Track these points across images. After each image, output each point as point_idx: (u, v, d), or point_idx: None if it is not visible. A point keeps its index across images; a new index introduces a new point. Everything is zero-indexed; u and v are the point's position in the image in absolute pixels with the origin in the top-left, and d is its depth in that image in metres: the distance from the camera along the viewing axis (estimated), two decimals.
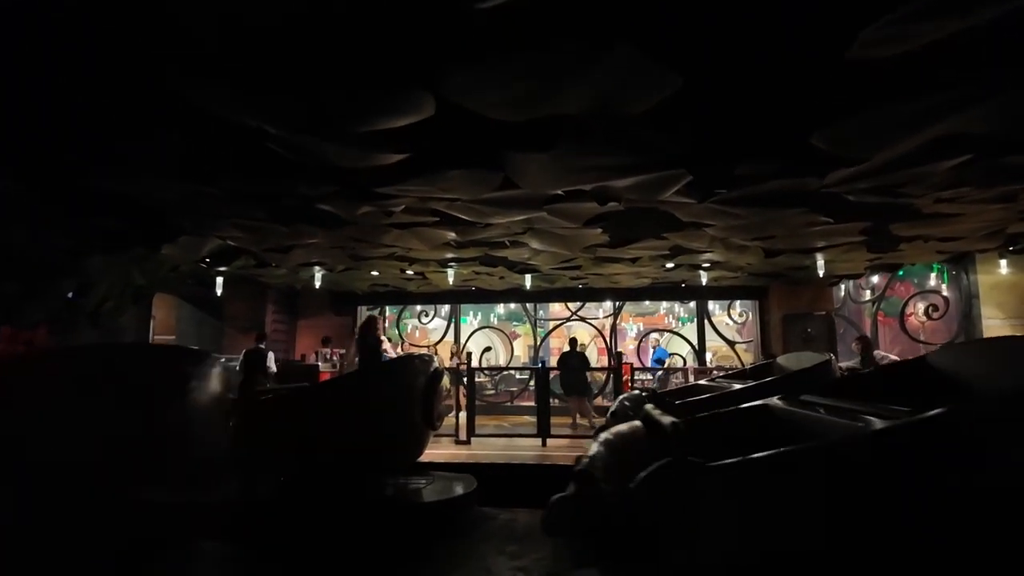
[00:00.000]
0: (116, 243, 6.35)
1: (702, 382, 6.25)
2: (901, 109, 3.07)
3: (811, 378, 4.44)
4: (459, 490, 5.23)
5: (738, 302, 12.42)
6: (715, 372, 10.11)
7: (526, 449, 7.30)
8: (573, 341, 10.28)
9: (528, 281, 9.00)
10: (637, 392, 5.45)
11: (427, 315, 13.59)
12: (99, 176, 4.16)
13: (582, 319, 13.16)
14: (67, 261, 7.03)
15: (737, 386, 5.02)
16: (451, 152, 3.59)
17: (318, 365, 9.60)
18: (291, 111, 2.93)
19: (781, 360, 5.82)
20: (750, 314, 12.43)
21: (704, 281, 9.01)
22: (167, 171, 3.97)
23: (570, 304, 12.88)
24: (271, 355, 8.62)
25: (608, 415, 5.26)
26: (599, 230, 6.09)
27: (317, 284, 8.84)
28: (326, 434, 4.72)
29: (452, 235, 6.41)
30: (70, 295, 7.67)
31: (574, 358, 9.87)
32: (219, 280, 8.97)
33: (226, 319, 11.20)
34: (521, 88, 2.71)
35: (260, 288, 10.83)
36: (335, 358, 10.69)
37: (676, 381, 11.45)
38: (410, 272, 9.12)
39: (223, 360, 2.99)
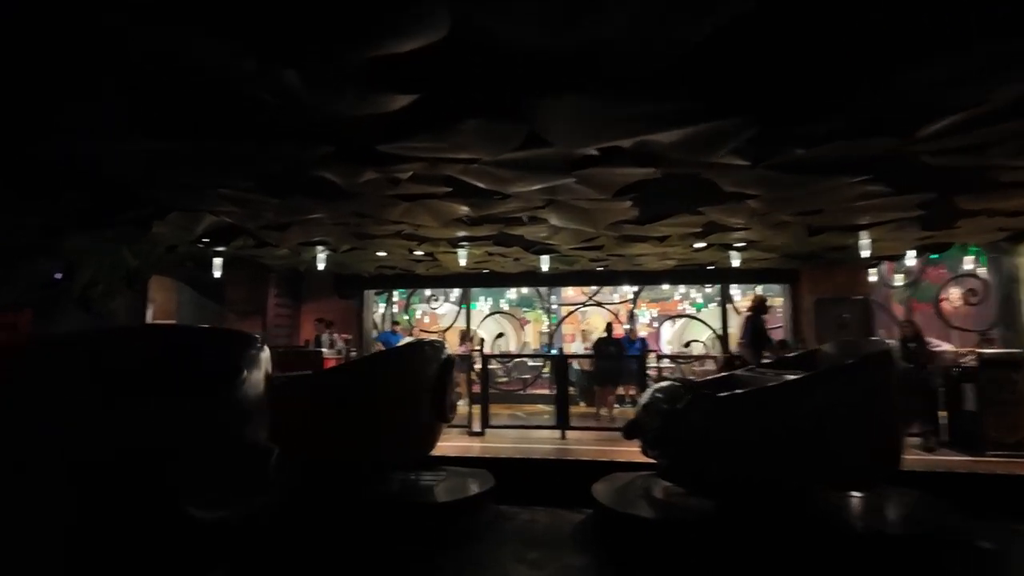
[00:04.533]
0: (92, 219, 5.82)
1: (740, 372, 5.70)
2: None
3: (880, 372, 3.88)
4: (474, 487, 4.74)
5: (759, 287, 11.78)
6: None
7: (544, 442, 6.76)
8: (610, 327, 9.66)
9: (545, 263, 8.39)
10: (672, 383, 4.89)
11: (436, 300, 13.05)
12: (44, 141, 3.60)
13: (599, 304, 12.57)
14: (40, 239, 6.51)
15: (789, 377, 4.46)
16: (466, 96, 2.99)
17: (321, 351, 9.07)
18: (268, 35, 2.35)
19: (827, 348, 5.25)
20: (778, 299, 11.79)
21: (736, 263, 8.35)
22: (121, 130, 3.39)
23: (585, 289, 12.30)
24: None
25: (639, 407, 4.71)
26: (628, 203, 5.47)
27: (320, 266, 8.28)
28: (329, 426, 4.24)
29: (465, 209, 5.81)
30: (58, 276, 7.17)
31: (612, 345, 9.26)
32: (217, 261, 8.45)
33: (226, 303, 10.72)
34: None
35: (261, 271, 10.35)
36: (340, 344, 10.18)
37: (697, 369, 10.88)
38: (419, 253, 8.54)
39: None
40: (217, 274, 8.53)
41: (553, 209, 5.77)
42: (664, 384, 4.73)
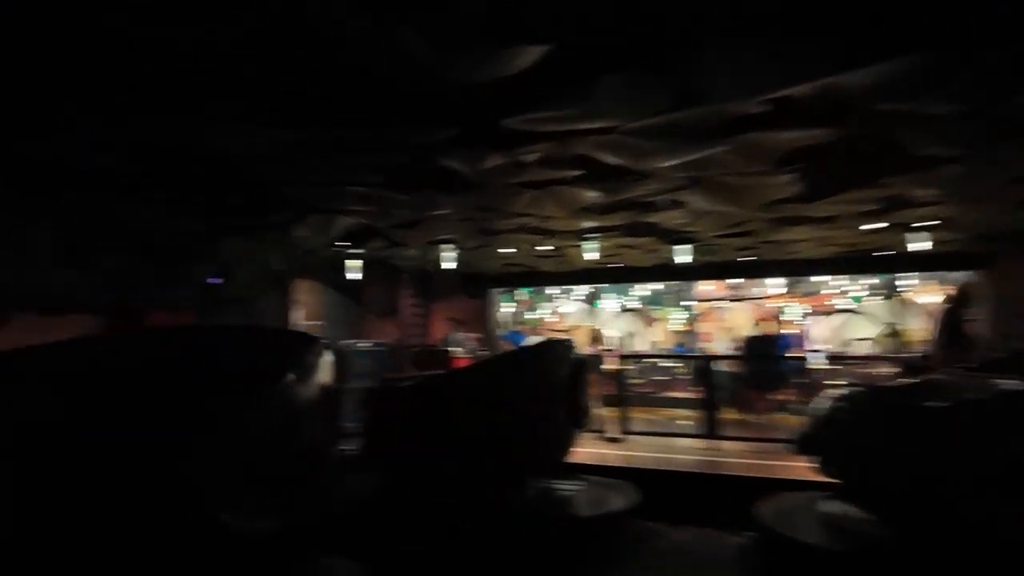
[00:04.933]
0: (244, 222, 6.13)
1: (937, 376, 4.66)
2: None
3: None
4: (617, 501, 4.23)
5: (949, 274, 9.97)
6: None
7: (690, 452, 6.08)
8: (767, 324, 8.69)
9: (682, 254, 7.64)
10: (858, 389, 4.06)
11: (562, 298, 12.69)
12: (199, 136, 3.68)
13: (742, 299, 11.46)
14: (199, 243, 7.02)
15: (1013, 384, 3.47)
16: (604, 45, 2.53)
17: (447, 350, 9.04)
18: None
19: None
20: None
21: (919, 245, 7.00)
22: (254, 118, 3.34)
23: (723, 283, 11.24)
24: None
25: (814, 418, 3.95)
26: (789, 178, 4.68)
27: (447, 265, 8.24)
28: (459, 428, 3.97)
29: (595, 196, 5.33)
30: (217, 280, 7.75)
31: (767, 344, 8.32)
32: (351, 264, 8.71)
33: (364, 304, 11.17)
34: None
35: (394, 272, 10.63)
36: (471, 343, 10.16)
37: (865, 371, 9.45)
38: (545, 248, 8.20)
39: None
40: (351, 276, 8.80)
41: (696, 190, 5.11)
42: (847, 391, 3.92)
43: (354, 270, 8.74)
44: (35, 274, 5.33)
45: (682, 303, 12.69)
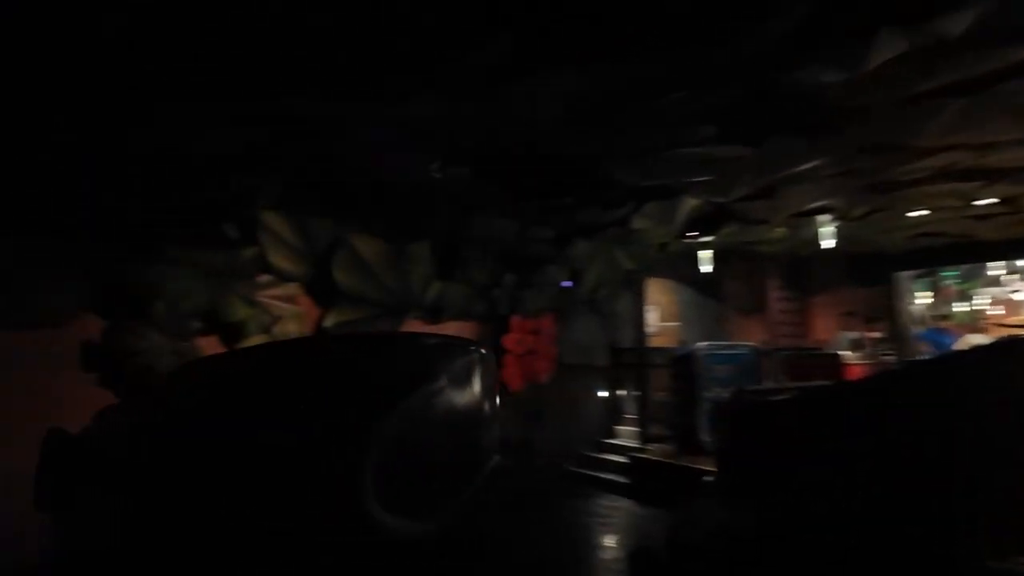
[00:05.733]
0: (586, 218, 5.90)
1: None
2: None
3: None
4: None
5: None
6: None
7: None
8: None
9: None
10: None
11: (1013, 279, 8.88)
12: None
13: None
14: (552, 249, 7.07)
15: None
16: None
17: (834, 354, 7.07)
18: None
19: None
20: None
21: None
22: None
23: None
24: None
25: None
26: None
27: (826, 243, 6.40)
28: (860, 458, 2.68)
29: None
30: (568, 283, 7.81)
31: None
32: (703, 255, 7.71)
33: (726, 301, 9.96)
34: None
35: (759, 261, 9.16)
36: (870, 345, 7.88)
37: None
38: (985, 201, 5.61)
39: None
40: (705, 269, 7.78)
41: None
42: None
43: (706, 262, 7.71)
44: (416, 287, 6.06)
45: None
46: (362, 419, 1.78)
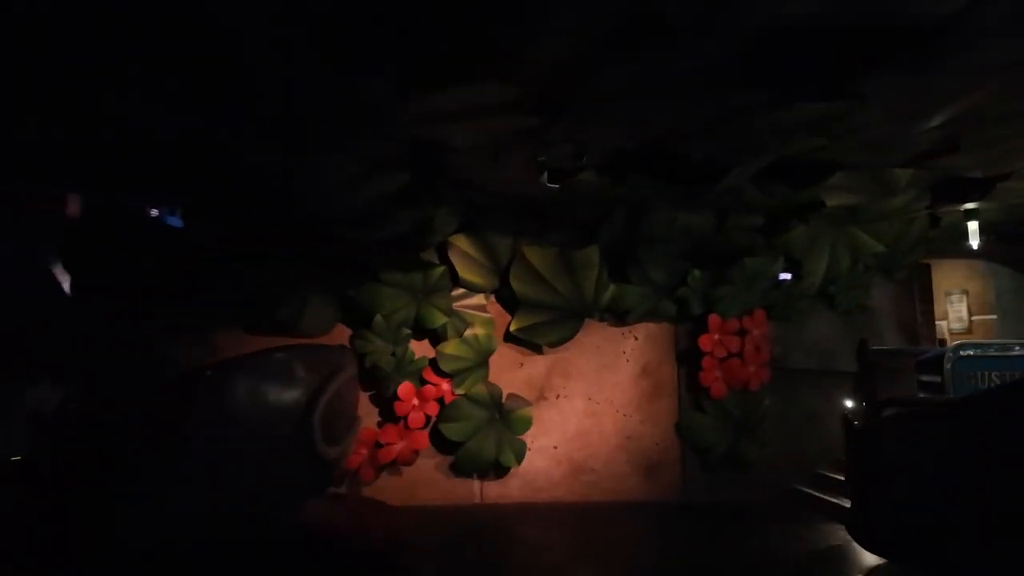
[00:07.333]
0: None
1: None
2: None
3: None
4: None
5: None
6: None
7: None
8: None
9: None
10: None
11: None
12: None
13: None
14: (753, 238, 6.45)
15: None
16: None
17: None
18: None
19: None
20: None
21: None
22: None
23: None
24: None
25: None
26: None
27: None
28: None
29: None
30: (786, 276, 6.97)
31: None
32: (971, 227, 6.03)
33: None
34: None
35: None
36: None
37: None
38: None
39: None
40: (973, 244, 6.06)
41: None
42: None
43: (972, 235, 5.98)
44: (587, 291, 6.30)
45: None
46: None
